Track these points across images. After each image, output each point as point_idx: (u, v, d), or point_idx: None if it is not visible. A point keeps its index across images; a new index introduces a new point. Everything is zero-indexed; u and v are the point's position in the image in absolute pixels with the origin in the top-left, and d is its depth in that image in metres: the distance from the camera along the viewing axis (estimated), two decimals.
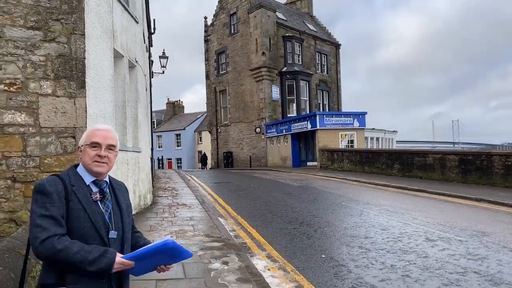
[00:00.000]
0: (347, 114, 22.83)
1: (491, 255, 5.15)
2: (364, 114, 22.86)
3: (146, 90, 11.46)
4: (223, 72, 31.10)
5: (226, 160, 29.67)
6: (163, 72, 18.97)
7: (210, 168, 33.74)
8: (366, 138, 28.06)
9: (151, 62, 17.46)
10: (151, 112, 15.60)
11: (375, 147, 36.29)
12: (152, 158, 15.67)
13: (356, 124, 22.31)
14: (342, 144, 21.83)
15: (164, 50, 18.92)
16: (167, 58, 19.06)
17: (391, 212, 8.30)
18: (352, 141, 22.20)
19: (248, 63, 27.89)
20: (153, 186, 12.35)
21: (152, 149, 14.66)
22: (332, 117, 22.27)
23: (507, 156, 11.04)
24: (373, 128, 36.64)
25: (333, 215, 8.13)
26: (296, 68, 27.97)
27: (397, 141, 44.72)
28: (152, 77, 18.81)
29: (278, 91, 27.48)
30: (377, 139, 37.50)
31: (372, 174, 16.72)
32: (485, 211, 8.35)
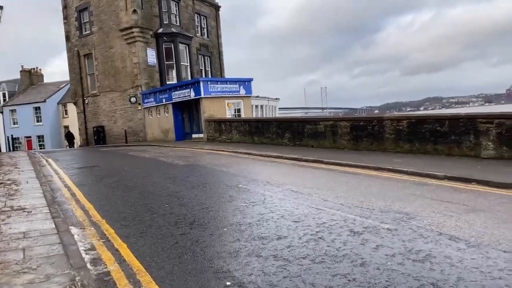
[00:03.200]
0: (233, 81, 21.27)
1: (434, 250, 4.12)
2: (250, 80, 21.62)
3: None
4: (87, 33, 26.33)
5: (97, 136, 25.65)
6: None
7: (79, 146, 29.11)
8: (252, 106, 27.18)
9: None
10: None
11: (259, 115, 36.00)
12: None
13: (243, 91, 20.99)
14: (229, 114, 20.36)
15: None
16: (2, 8, 14.43)
17: (297, 193, 7.05)
18: (239, 110, 20.87)
19: (117, 23, 23.94)
20: None
21: None
22: (217, 84, 20.47)
23: (398, 121, 10.85)
24: (257, 96, 36.18)
25: (231, 205, 6.46)
26: (173, 30, 25.06)
27: (279, 108, 45.64)
28: None
29: (155, 55, 24.35)
30: (261, 107, 37.31)
31: (262, 145, 15.65)
32: (391, 182, 7.72)
